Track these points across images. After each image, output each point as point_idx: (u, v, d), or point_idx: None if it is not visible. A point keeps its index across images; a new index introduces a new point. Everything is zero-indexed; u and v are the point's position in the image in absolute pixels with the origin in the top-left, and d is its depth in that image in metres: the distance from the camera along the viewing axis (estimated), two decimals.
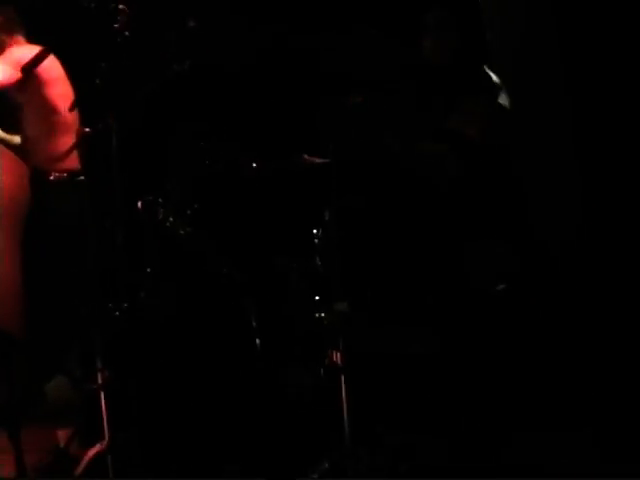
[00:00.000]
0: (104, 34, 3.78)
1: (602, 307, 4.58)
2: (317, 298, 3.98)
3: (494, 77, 4.26)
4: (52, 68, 4.88)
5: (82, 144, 3.93)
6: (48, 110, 4.87)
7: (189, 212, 4.21)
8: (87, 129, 3.93)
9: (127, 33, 3.54)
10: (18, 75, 4.66)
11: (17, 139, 5.07)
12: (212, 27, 4.40)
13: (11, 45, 4.94)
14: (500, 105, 4.21)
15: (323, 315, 3.77)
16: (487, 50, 4.32)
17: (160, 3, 3.87)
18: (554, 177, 4.76)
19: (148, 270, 4.17)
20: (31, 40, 4.96)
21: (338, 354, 3.63)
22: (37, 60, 4.14)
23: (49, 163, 4.87)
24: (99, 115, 3.98)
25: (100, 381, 3.86)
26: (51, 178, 4.84)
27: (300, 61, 4.83)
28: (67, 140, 4.77)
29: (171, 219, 4.17)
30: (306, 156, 4.25)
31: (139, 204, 4.15)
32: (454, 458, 3.93)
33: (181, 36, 4.17)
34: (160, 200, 4.18)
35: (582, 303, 4.58)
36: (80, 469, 3.94)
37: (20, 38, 4.97)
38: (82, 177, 4.69)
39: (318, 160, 4.17)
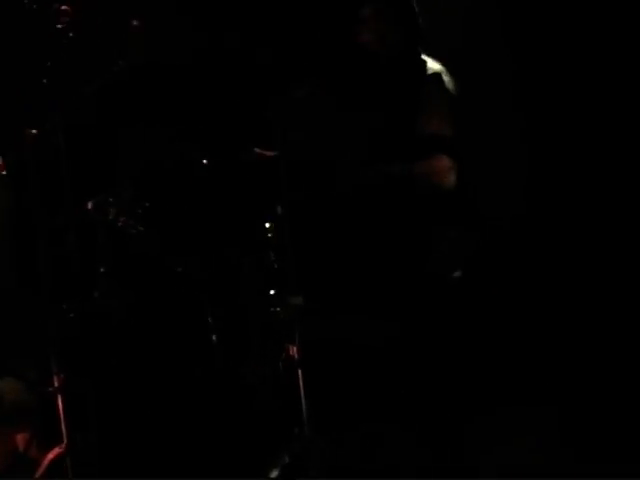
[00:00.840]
0: (48, 34, 3.76)
1: (556, 289, 4.63)
2: (272, 292, 3.98)
3: (433, 63, 4.27)
4: None
5: (29, 145, 3.88)
6: None
7: (140, 210, 4.19)
8: (33, 130, 3.88)
9: (71, 34, 3.50)
10: None
11: None
12: (157, 25, 4.38)
13: None
14: (450, 92, 4.23)
15: (278, 309, 3.77)
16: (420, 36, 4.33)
17: (103, 3, 3.84)
18: (500, 155, 4.80)
19: (101, 270, 4.15)
20: None
21: (295, 348, 3.63)
22: None
23: None
24: (46, 115, 3.95)
25: (56, 384, 3.84)
26: None
27: (247, 54, 4.82)
28: None
29: (122, 218, 4.15)
30: (257, 150, 4.25)
31: (90, 204, 4.12)
32: (416, 446, 3.95)
33: (126, 34, 4.14)
34: (111, 199, 4.16)
35: (535, 285, 4.63)
36: (40, 472, 3.92)
37: None
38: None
39: (269, 153, 4.17)
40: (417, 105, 4.17)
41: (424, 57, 4.28)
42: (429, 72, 4.24)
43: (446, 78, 4.24)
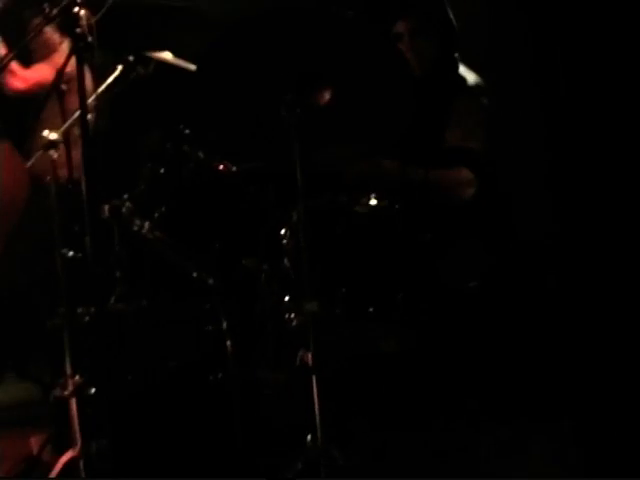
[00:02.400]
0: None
1: (577, 303, 4.61)
2: (287, 299, 3.98)
3: (471, 77, 4.24)
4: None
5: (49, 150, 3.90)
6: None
7: (157, 215, 4.20)
8: (52, 136, 3.89)
9: (90, 38, 3.51)
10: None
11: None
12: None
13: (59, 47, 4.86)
14: (484, 106, 4.19)
15: (293, 316, 3.77)
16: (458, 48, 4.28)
17: (123, 7, 3.85)
18: (528, 171, 4.78)
19: (117, 275, 4.15)
20: None
21: (309, 355, 3.62)
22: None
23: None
24: (64, 121, 3.97)
25: (71, 387, 3.84)
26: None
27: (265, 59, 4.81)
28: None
29: (139, 223, 4.16)
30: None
31: (106, 208, 4.13)
32: (430, 455, 3.94)
33: (145, 40, 4.15)
34: (128, 204, 4.16)
35: (556, 300, 4.60)
36: (53, 475, 3.93)
37: (66, 42, 4.88)
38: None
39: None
40: (448, 115, 4.13)
41: (461, 67, 4.24)
42: (465, 83, 4.21)
43: (482, 90, 4.19)
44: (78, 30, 3.51)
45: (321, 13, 3.36)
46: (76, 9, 3.53)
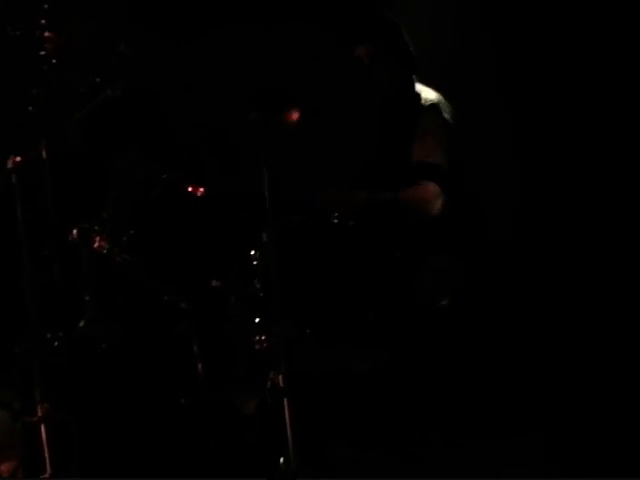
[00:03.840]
0: (33, 61, 3.75)
1: (546, 316, 4.62)
2: (257, 320, 3.96)
3: (432, 95, 4.27)
4: None
5: (13, 173, 3.87)
6: None
7: (125, 239, 4.17)
8: (18, 158, 3.87)
9: (54, 60, 3.49)
10: None
11: None
12: (143, 51, 4.38)
13: None
14: (446, 122, 4.22)
15: (264, 338, 3.75)
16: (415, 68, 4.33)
17: (90, 28, 3.83)
18: (495, 183, 4.79)
19: (86, 298, 4.12)
20: None
21: (280, 376, 3.60)
22: None
23: None
24: (32, 142, 3.94)
25: (40, 413, 3.81)
26: None
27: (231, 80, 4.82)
28: None
29: (107, 246, 4.13)
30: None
31: (74, 232, 4.10)
32: (406, 473, 3.92)
33: (114, 60, 4.14)
34: (96, 227, 4.14)
35: (527, 314, 4.61)
36: None
37: None
38: None
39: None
40: (411, 135, 4.17)
41: (419, 87, 4.29)
42: (425, 102, 4.25)
43: (442, 107, 4.24)
44: (43, 52, 3.49)
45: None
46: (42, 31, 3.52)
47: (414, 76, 4.33)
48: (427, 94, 4.28)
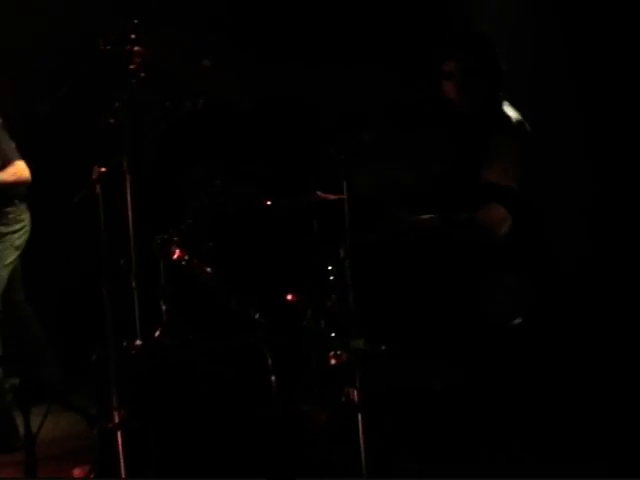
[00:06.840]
0: (119, 75, 3.81)
1: (618, 337, 4.59)
2: (333, 335, 3.98)
3: (513, 114, 4.27)
4: None
5: (97, 183, 3.94)
6: None
7: (204, 250, 4.22)
8: (102, 168, 3.94)
9: (142, 74, 3.56)
10: None
11: None
12: (225, 66, 4.42)
13: None
14: (522, 144, 4.21)
15: (339, 352, 3.77)
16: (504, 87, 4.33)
17: (175, 44, 3.89)
18: (567, 201, 4.78)
19: (164, 308, 4.17)
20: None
21: (355, 392, 3.62)
22: None
23: None
24: (113, 154, 4.01)
25: (116, 420, 3.86)
26: None
27: (313, 98, 4.86)
28: None
29: (186, 257, 4.18)
30: (320, 193, 4.27)
31: (154, 243, 4.16)
32: None
33: (195, 75, 4.19)
34: (175, 238, 4.19)
35: (597, 335, 4.58)
36: None
37: None
38: None
39: (332, 197, 4.19)
40: (485, 155, 4.17)
41: (505, 106, 4.28)
42: (506, 121, 4.24)
43: (523, 127, 4.22)
44: (132, 66, 3.55)
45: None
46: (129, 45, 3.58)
47: (501, 93, 4.31)
48: (510, 112, 4.27)
